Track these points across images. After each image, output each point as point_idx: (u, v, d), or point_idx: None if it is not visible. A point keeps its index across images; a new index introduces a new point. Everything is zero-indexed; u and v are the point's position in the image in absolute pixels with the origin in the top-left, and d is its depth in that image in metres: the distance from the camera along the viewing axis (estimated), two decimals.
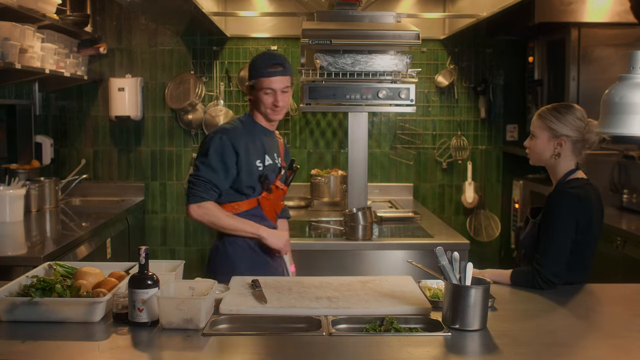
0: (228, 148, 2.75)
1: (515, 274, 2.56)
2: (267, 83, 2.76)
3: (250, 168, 2.79)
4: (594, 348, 1.95)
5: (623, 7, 4.46)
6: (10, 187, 4.08)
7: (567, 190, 2.53)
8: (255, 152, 2.82)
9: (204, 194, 2.72)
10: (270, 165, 2.87)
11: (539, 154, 2.63)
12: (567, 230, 2.50)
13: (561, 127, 2.56)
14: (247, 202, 2.84)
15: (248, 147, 2.79)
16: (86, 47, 5.23)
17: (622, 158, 4.54)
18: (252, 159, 2.80)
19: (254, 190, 2.84)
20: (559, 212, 2.50)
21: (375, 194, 5.41)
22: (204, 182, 2.73)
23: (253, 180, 2.81)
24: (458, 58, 5.54)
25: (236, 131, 2.81)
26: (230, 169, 2.76)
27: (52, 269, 2.38)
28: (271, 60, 2.78)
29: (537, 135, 2.61)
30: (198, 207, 2.73)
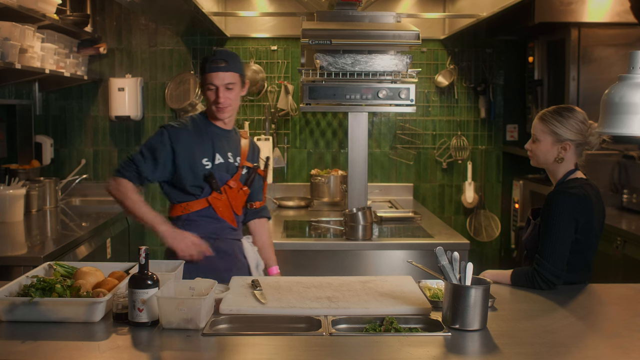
0: (165, 143, 2.74)
1: (515, 274, 2.56)
2: (209, 79, 2.74)
3: (194, 167, 2.75)
4: (593, 348, 1.95)
5: (623, 7, 4.46)
6: (10, 187, 4.08)
7: (566, 190, 2.53)
8: (201, 151, 2.76)
9: (125, 172, 2.74)
10: (222, 164, 2.81)
11: (541, 158, 2.62)
12: (567, 230, 2.49)
13: (565, 132, 2.55)
14: (197, 202, 2.79)
15: (192, 145, 2.75)
16: (86, 47, 5.23)
17: (622, 158, 4.54)
18: (197, 157, 2.75)
19: (202, 190, 2.78)
20: (557, 212, 2.50)
21: (375, 194, 5.41)
22: (130, 163, 2.74)
23: (198, 179, 2.76)
24: (458, 58, 5.54)
25: (181, 129, 2.78)
26: (159, 164, 2.74)
27: (52, 269, 2.38)
28: (216, 57, 2.75)
29: (540, 139, 2.59)
30: (114, 181, 2.75)
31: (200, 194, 2.79)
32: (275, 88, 5.44)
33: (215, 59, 2.74)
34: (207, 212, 2.81)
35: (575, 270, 2.56)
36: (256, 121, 5.45)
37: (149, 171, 2.75)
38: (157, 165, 2.74)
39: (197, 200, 2.79)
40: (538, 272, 2.48)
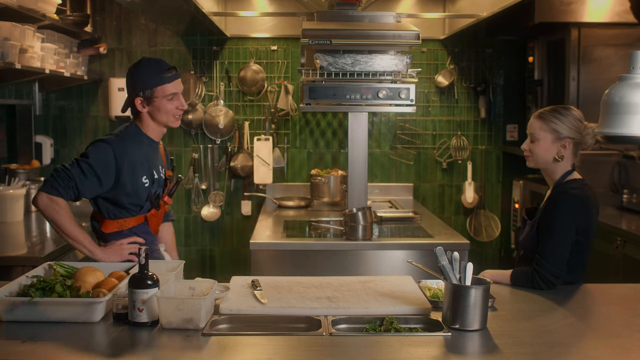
0: (109, 161, 2.60)
1: (515, 274, 2.56)
2: (169, 89, 2.65)
3: (135, 185, 2.66)
4: (593, 348, 1.95)
5: (623, 7, 4.46)
6: (10, 187, 4.08)
7: (567, 192, 2.53)
8: (141, 169, 2.68)
9: (61, 190, 2.55)
10: (157, 180, 2.76)
11: (541, 157, 2.60)
12: (568, 231, 2.50)
13: (565, 129, 2.55)
14: (134, 219, 2.71)
15: (134, 163, 2.65)
16: (86, 47, 5.23)
17: (622, 158, 4.54)
18: (138, 175, 2.67)
19: (141, 208, 2.72)
20: (559, 214, 2.50)
21: (375, 194, 5.41)
22: (69, 179, 2.55)
23: (139, 198, 2.69)
24: (458, 58, 5.54)
25: (124, 145, 2.64)
26: (102, 183, 2.60)
27: (52, 269, 2.38)
28: (164, 66, 2.67)
29: (539, 138, 2.58)
30: (49, 199, 2.54)
31: (138, 211, 2.72)
32: (275, 88, 5.44)
33: (168, 68, 2.67)
34: (142, 227, 2.75)
35: (573, 270, 2.56)
36: (256, 121, 5.45)
37: (89, 191, 2.61)
38: (100, 185, 2.61)
39: (134, 216, 2.72)
40: (538, 272, 2.48)
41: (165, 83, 2.64)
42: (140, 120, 2.73)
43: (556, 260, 2.48)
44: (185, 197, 5.48)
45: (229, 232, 5.52)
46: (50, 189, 2.55)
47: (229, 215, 5.51)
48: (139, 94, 2.65)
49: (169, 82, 2.65)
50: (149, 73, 2.64)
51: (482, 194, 5.61)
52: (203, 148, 5.45)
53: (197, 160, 5.43)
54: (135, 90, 2.66)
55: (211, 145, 5.45)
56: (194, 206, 5.44)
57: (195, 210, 5.45)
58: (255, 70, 5.38)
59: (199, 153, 5.45)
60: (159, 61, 2.69)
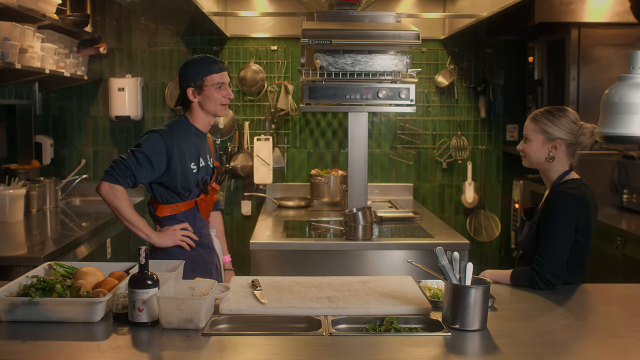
0: (161, 149, 2.80)
1: (515, 274, 2.56)
2: (218, 78, 2.86)
3: (185, 171, 2.85)
4: (593, 348, 1.95)
5: (623, 7, 4.46)
6: (10, 187, 4.08)
7: (566, 192, 2.53)
8: (189, 155, 2.88)
9: (120, 179, 2.76)
10: (204, 167, 2.94)
11: (533, 157, 2.62)
12: (567, 231, 2.50)
13: (556, 131, 2.57)
14: (185, 203, 2.90)
15: (183, 150, 2.85)
16: (86, 47, 5.23)
17: (622, 158, 4.54)
18: (187, 161, 2.86)
19: (190, 192, 2.90)
20: (558, 214, 2.50)
21: (375, 194, 5.41)
22: (126, 168, 2.76)
23: (188, 182, 2.87)
24: (458, 58, 5.54)
25: (173, 133, 2.87)
26: (155, 169, 2.80)
27: (52, 269, 2.38)
28: (213, 59, 2.90)
29: (531, 139, 2.60)
30: (110, 187, 2.76)
31: (188, 195, 2.90)
32: (275, 88, 5.44)
33: (215, 61, 2.90)
34: (192, 211, 2.93)
35: (573, 270, 2.56)
36: (256, 121, 5.46)
37: (144, 177, 2.81)
38: (153, 171, 2.81)
39: (185, 201, 2.90)
40: (538, 272, 2.48)
41: (214, 73, 2.86)
42: (191, 111, 2.94)
43: (556, 260, 2.48)
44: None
45: (229, 232, 5.52)
46: (110, 178, 2.77)
47: (229, 215, 5.51)
48: (191, 84, 2.87)
49: (217, 72, 2.86)
50: (199, 65, 2.87)
51: (482, 194, 5.61)
52: None
53: None
54: (187, 81, 2.88)
55: None
56: None
57: None
58: (255, 70, 5.38)
59: None
60: (208, 56, 2.93)
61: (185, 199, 2.90)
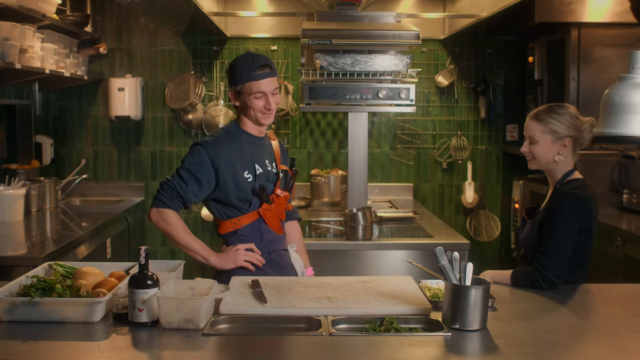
0: (205, 163, 2.62)
1: (515, 274, 2.56)
2: (256, 87, 2.62)
3: (238, 181, 2.65)
4: (593, 348, 1.95)
5: (623, 7, 4.46)
6: (10, 187, 4.08)
7: (570, 192, 2.52)
8: (241, 164, 2.67)
9: (167, 202, 2.60)
10: (263, 174, 2.72)
11: (543, 158, 2.59)
12: (570, 231, 2.50)
13: (563, 128, 2.54)
14: (248, 216, 2.69)
15: (232, 159, 2.65)
16: (86, 47, 5.23)
17: (622, 158, 4.54)
18: (239, 171, 2.66)
19: (250, 204, 2.69)
20: (562, 213, 2.50)
21: (375, 194, 5.41)
22: (171, 190, 2.60)
23: (244, 193, 2.67)
24: (458, 58, 5.54)
25: (219, 144, 2.66)
26: (203, 185, 2.62)
27: (52, 269, 2.38)
28: (257, 62, 2.63)
29: (538, 140, 2.57)
30: (157, 212, 2.61)
31: (248, 207, 2.69)
32: None
33: (260, 65, 2.63)
34: (257, 225, 2.72)
35: (574, 270, 2.56)
36: None
37: (193, 195, 2.63)
38: (201, 188, 2.63)
39: (247, 214, 2.70)
40: (540, 271, 2.48)
41: (253, 80, 2.62)
42: (238, 115, 2.76)
43: (558, 260, 2.48)
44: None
45: None
46: (157, 203, 2.61)
47: None
48: (232, 87, 2.69)
49: (257, 79, 2.62)
50: (242, 68, 2.64)
51: (482, 194, 5.61)
52: None
53: None
54: (230, 83, 2.70)
55: None
56: (194, 206, 5.44)
57: (196, 211, 5.45)
58: None
59: None
60: (256, 57, 2.67)
61: (246, 212, 2.68)
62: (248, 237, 2.70)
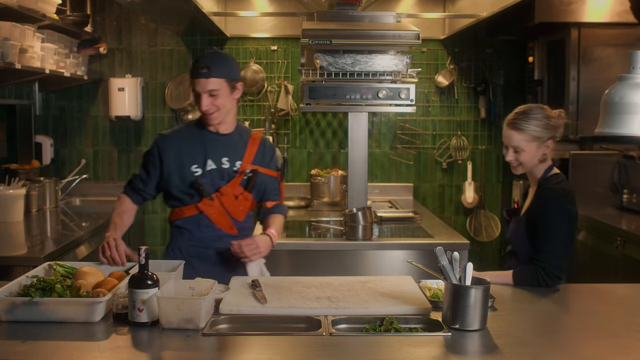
0: (154, 154, 2.76)
1: (517, 274, 2.56)
2: (193, 85, 2.67)
3: (182, 173, 2.72)
4: (594, 348, 1.95)
5: (623, 7, 4.46)
6: (10, 187, 4.08)
7: (554, 188, 2.59)
8: (191, 157, 2.73)
9: (125, 188, 2.85)
10: (214, 170, 2.74)
11: (530, 163, 2.65)
12: (563, 225, 2.55)
13: (545, 133, 2.61)
14: (187, 208, 2.76)
15: (181, 152, 2.73)
16: (86, 47, 5.23)
17: (622, 158, 4.54)
18: (186, 164, 2.72)
19: (192, 197, 2.74)
20: (552, 209, 2.55)
21: (375, 194, 5.41)
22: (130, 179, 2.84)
23: (185, 186, 2.73)
24: (458, 58, 5.54)
25: (172, 136, 2.78)
26: (152, 175, 2.77)
27: (52, 269, 2.38)
28: (199, 62, 2.66)
29: (524, 149, 2.62)
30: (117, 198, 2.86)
31: (190, 200, 2.75)
32: (275, 88, 5.44)
33: (199, 65, 2.64)
34: (199, 219, 2.77)
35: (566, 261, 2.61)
36: (256, 121, 5.45)
37: (141, 183, 2.80)
38: (149, 177, 2.79)
39: (187, 206, 2.77)
40: (543, 268, 2.49)
41: (191, 78, 2.68)
42: None
43: (557, 254, 2.52)
44: None
45: None
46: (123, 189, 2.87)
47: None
48: None
49: (194, 78, 2.66)
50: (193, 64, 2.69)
51: (482, 194, 5.61)
52: None
53: None
54: None
55: None
56: None
57: None
58: (255, 70, 5.38)
59: None
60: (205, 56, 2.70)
61: (187, 204, 2.77)
62: (186, 229, 2.79)
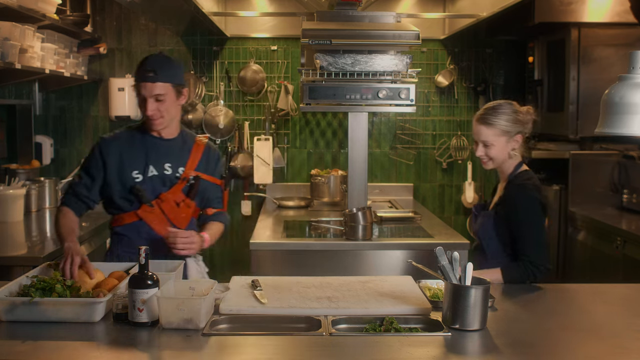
0: (96, 158, 2.68)
1: (506, 270, 2.57)
2: (137, 88, 2.60)
3: (123, 179, 2.66)
4: (594, 348, 1.95)
5: (623, 7, 4.46)
6: (10, 187, 4.08)
7: (525, 183, 2.63)
8: (131, 163, 2.66)
9: (64, 199, 2.71)
10: (156, 177, 2.68)
11: (500, 158, 2.70)
12: (541, 218, 2.61)
13: (513, 127, 2.66)
14: (127, 215, 2.69)
15: (122, 157, 2.66)
16: (86, 47, 5.23)
17: (622, 158, 4.54)
18: (127, 169, 2.66)
19: (132, 203, 2.68)
20: (527, 205, 2.59)
21: (375, 194, 5.41)
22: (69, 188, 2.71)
23: (126, 192, 2.66)
24: (458, 58, 5.54)
25: (115, 139, 2.69)
26: (96, 179, 2.67)
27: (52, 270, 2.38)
28: (145, 65, 2.59)
29: (493, 143, 2.68)
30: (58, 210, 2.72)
31: (129, 207, 2.69)
32: (275, 88, 5.44)
33: (145, 68, 2.57)
34: (140, 225, 2.70)
35: None
36: (256, 121, 5.45)
37: (85, 189, 2.68)
38: (93, 182, 2.67)
39: (127, 213, 2.70)
40: (532, 262, 2.54)
41: (136, 81, 2.61)
42: None
43: (542, 247, 2.57)
44: None
45: (228, 232, 5.51)
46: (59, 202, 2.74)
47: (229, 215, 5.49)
48: None
49: (138, 81, 2.60)
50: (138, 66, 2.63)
51: (482, 194, 5.60)
52: None
53: None
54: None
55: None
56: None
57: None
58: (255, 70, 5.38)
59: None
60: (151, 59, 2.63)
61: (127, 210, 2.68)
62: (126, 236, 2.71)
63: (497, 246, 2.65)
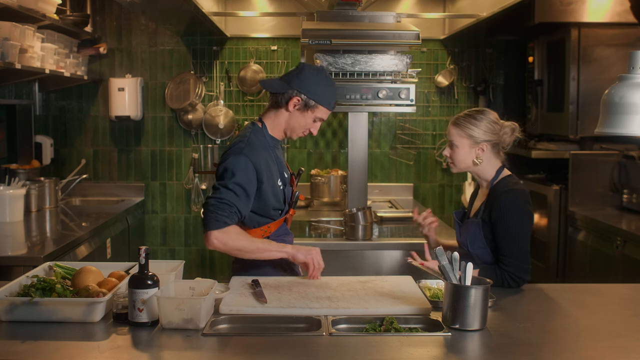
0: (251, 173, 2.48)
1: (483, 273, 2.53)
2: (325, 115, 2.61)
3: (275, 190, 2.57)
4: (594, 348, 1.95)
5: (623, 7, 4.46)
6: (10, 187, 4.08)
7: (509, 189, 2.56)
8: (275, 172, 2.59)
9: (227, 219, 2.40)
10: (286, 180, 2.68)
11: (462, 162, 2.64)
12: (524, 225, 2.54)
13: (480, 133, 2.60)
14: (276, 222, 2.64)
15: (269, 168, 2.56)
16: (86, 47, 5.23)
17: (622, 158, 4.54)
18: (275, 180, 2.58)
19: (282, 211, 2.65)
20: (511, 211, 2.52)
21: (375, 194, 5.41)
22: (228, 205, 2.41)
23: (279, 202, 2.60)
24: (458, 58, 5.54)
25: (256, 152, 2.52)
26: (250, 196, 2.49)
27: (52, 270, 2.38)
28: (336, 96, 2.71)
29: (457, 144, 2.62)
30: (221, 233, 2.39)
31: (279, 214, 2.65)
32: None
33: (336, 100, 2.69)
34: (282, 229, 2.70)
35: None
36: None
37: (243, 207, 2.48)
38: (249, 199, 2.50)
39: (276, 220, 2.65)
40: (508, 272, 2.49)
41: (328, 109, 2.61)
42: (275, 117, 2.62)
43: (522, 256, 2.50)
44: (185, 197, 5.49)
45: None
46: (216, 224, 2.40)
47: None
48: (302, 95, 2.54)
49: (330, 109, 2.62)
50: (328, 91, 2.59)
51: None
52: (203, 148, 5.45)
53: (197, 160, 5.44)
54: (301, 89, 2.54)
55: (211, 145, 5.45)
56: (193, 206, 5.44)
57: (195, 210, 5.45)
58: (255, 70, 5.38)
59: (199, 153, 5.45)
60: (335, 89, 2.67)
61: (277, 218, 2.64)
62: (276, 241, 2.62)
63: (488, 255, 2.60)
